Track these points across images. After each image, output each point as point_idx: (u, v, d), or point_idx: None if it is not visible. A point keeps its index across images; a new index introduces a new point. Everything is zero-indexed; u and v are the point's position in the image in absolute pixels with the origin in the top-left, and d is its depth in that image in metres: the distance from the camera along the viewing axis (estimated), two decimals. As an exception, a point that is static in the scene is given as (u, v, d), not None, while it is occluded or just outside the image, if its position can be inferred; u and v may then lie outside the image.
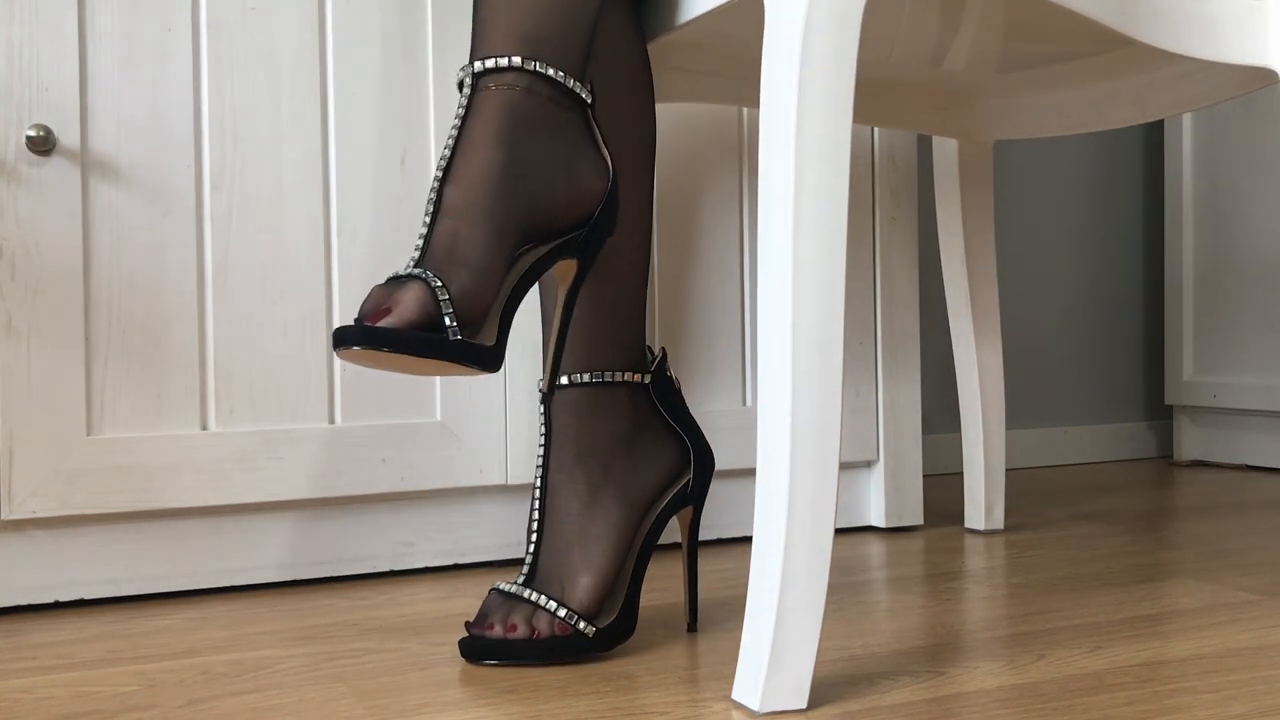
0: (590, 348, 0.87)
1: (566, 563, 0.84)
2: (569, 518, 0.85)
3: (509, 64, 0.75)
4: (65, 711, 0.74)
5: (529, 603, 0.82)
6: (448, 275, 0.70)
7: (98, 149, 1.02)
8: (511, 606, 0.83)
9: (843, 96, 0.70)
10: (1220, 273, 1.86)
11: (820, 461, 0.70)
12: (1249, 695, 0.73)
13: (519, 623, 0.82)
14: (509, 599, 0.83)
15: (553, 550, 0.84)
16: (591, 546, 0.84)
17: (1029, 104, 1.25)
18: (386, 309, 0.68)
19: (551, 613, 0.81)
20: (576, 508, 0.85)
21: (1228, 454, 1.89)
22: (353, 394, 1.10)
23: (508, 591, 0.83)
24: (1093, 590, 1.02)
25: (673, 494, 0.88)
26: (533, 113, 0.75)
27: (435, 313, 0.69)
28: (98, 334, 1.01)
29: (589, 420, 0.86)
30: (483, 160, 0.73)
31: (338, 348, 0.69)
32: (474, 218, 0.72)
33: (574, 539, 0.84)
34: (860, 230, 1.31)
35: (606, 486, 0.85)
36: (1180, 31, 0.89)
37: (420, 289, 0.69)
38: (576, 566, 0.83)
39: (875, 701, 0.73)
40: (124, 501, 1.01)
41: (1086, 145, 2.00)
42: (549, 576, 0.84)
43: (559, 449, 0.86)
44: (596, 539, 0.84)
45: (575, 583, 0.83)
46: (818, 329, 0.70)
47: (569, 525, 0.84)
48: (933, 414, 1.81)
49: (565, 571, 0.83)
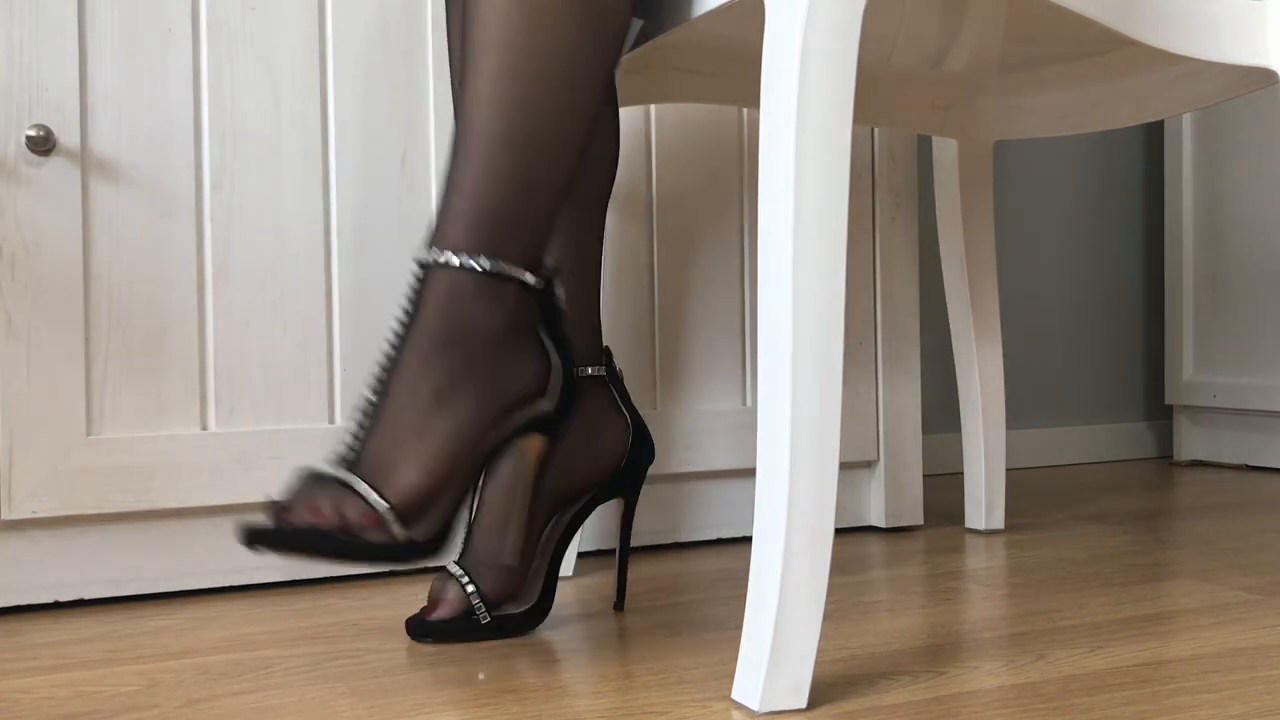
0: (491, 229, 0.78)
1: (396, 453, 0.75)
2: (412, 406, 0.76)
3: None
4: (65, 711, 0.74)
5: (339, 484, 0.73)
6: (480, 576, 0.88)
7: (98, 149, 1.02)
8: (322, 487, 0.74)
9: (843, 96, 0.70)
10: (1220, 273, 1.86)
11: (820, 461, 0.70)
12: (1249, 695, 0.73)
13: (325, 506, 0.72)
14: (319, 480, 0.74)
15: (384, 437, 0.75)
16: (430, 443, 0.75)
17: (1029, 104, 1.25)
18: (435, 604, 0.88)
19: (361, 495, 0.73)
20: (425, 398, 0.76)
21: (1228, 454, 1.89)
22: (353, 394, 1.10)
23: (320, 472, 0.75)
24: (1093, 590, 1.02)
25: (528, 417, 0.81)
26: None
27: (469, 606, 0.88)
28: (98, 334, 1.01)
29: (464, 310, 0.78)
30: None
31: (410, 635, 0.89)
32: (505, 526, 0.87)
33: (411, 430, 0.75)
34: (860, 230, 1.31)
35: (465, 384, 0.77)
36: (1180, 31, 0.89)
37: (458, 590, 0.88)
38: (407, 458, 0.75)
39: (875, 701, 0.73)
40: (124, 501, 1.01)
41: (1086, 145, 2.00)
42: (373, 464, 0.74)
43: (421, 331, 0.77)
44: (437, 436, 0.75)
45: (399, 474, 0.74)
46: (818, 329, 0.70)
47: (409, 415, 0.76)
48: (933, 414, 1.81)
49: (390, 459, 0.75)
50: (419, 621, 0.89)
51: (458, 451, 0.76)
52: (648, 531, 1.24)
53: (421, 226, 1.12)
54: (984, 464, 1.31)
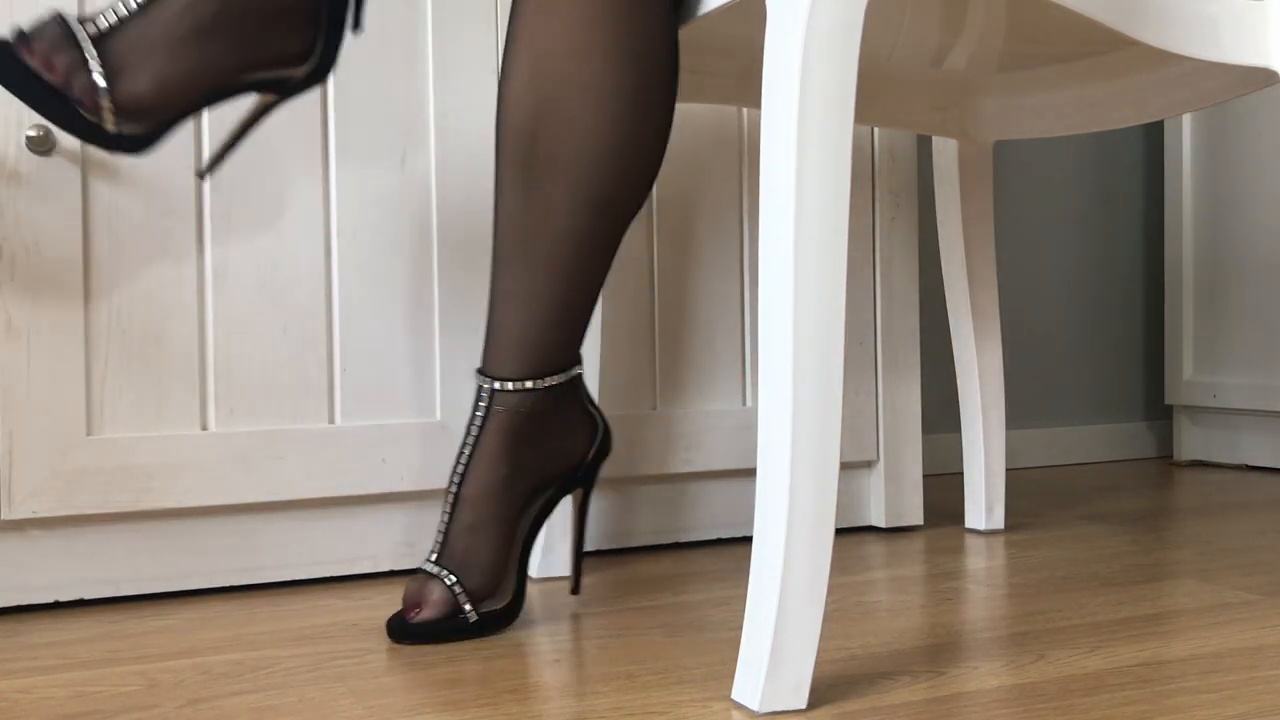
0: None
1: (142, 59, 0.80)
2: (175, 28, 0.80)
3: (520, 387, 0.89)
4: (65, 711, 0.74)
5: (80, 54, 0.78)
6: (465, 575, 0.89)
7: (98, 149, 1.01)
8: (66, 47, 0.78)
9: (843, 96, 0.70)
10: (1220, 273, 1.86)
11: (820, 461, 0.70)
12: (1249, 695, 0.73)
13: (60, 66, 0.78)
14: (70, 38, 0.79)
15: (138, 39, 0.80)
16: (174, 63, 0.80)
17: (1029, 104, 1.25)
18: (417, 605, 0.89)
19: (92, 77, 0.78)
20: (189, 23, 0.81)
21: (1228, 454, 1.89)
22: (353, 394, 1.10)
23: (72, 31, 0.79)
24: (1093, 590, 1.02)
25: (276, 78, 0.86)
26: (535, 419, 0.90)
27: (456, 605, 0.89)
28: (98, 334, 1.01)
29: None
30: (490, 474, 0.89)
31: (391, 638, 0.89)
32: (483, 523, 0.89)
33: (163, 45, 0.80)
34: (860, 230, 1.31)
35: (228, 30, 0.82)
36: (1180, 32, 0.89)
37: (443, 591, 0.89)
38: (148, 68, 0.80)
39: (875, 701, 0.73)
40: (124, 501, 1.01)
41: (1086, 145, 2.00)
42: (118, 58, 0.79)
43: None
44: (183, 60, 0.81)
45: (135, 78, 0.79)
46: (818, 329, 0.70)
47: (166, 31, 0.80)
48: (933, 414, 1.81)
49: (133, 60, 0.80)
50: (402, 623, 0.89)
51: (194, 84, 0.81)
52: (648, 531, 1.24)
53: (421, 226, 1.12)
54: (984, 464, 1.31)
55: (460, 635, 0.89)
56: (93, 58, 0.78)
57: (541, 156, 0.85)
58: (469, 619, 0.88)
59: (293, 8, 0.84)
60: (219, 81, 0.83)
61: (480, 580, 0.89)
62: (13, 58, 0.78)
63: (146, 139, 0.82)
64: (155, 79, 0.80)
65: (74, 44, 0.78)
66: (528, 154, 0.86)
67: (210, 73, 0.82)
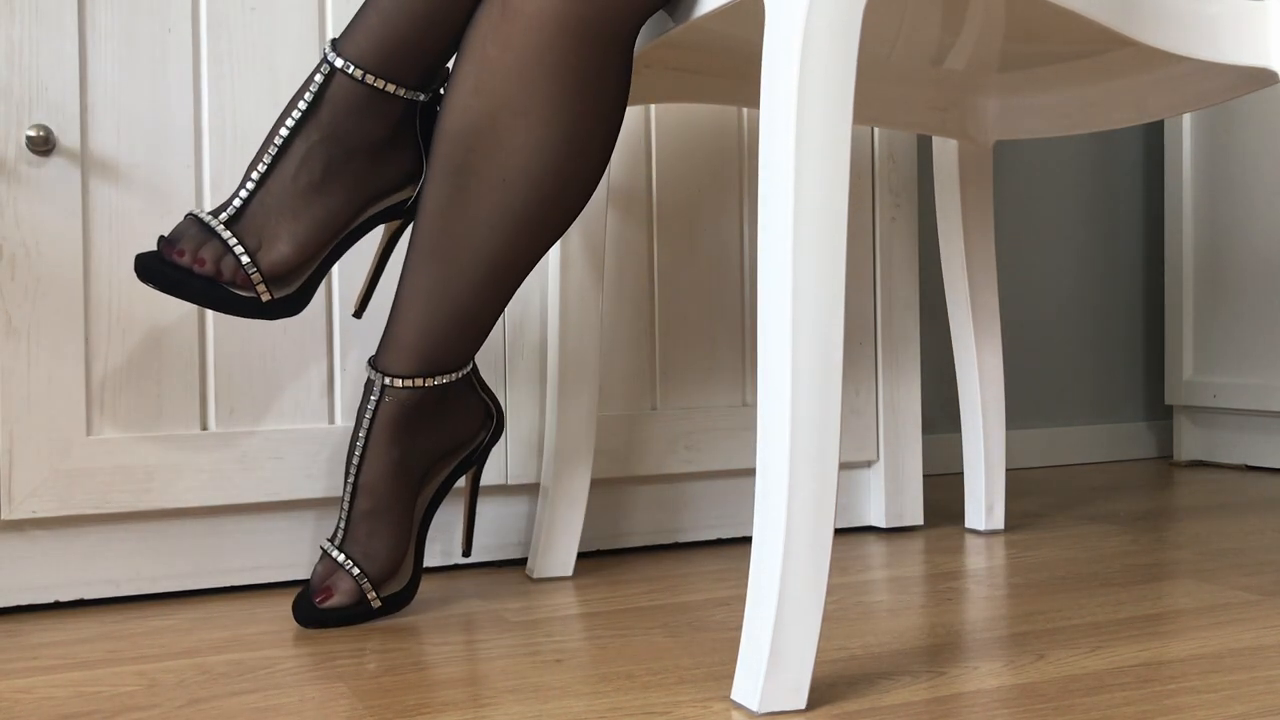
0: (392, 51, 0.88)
1: (274, 226, 0.87)
2: (293, 188, 0.87)
3: (408, 384, 0.91)
4: (65, 711, 0.74)
5: (221, 241, 0.85)
6: (368, 562, 0.93)
7: (98, 149, 1.02)
8: (207, 239, 0.86)
9: (843, 96, 0.70)
10: (1220, 273, 1.86)
11: (820, 461, 0.70)
12: (1249, 695, 0.73)
13: (208, 257, 0.85)
14: (207, 231, 0.86)
15: (264, 209, 0.87)
16: (303, 222, 0.87)
17: (1029, 104, 1.25)
18: (328, 589, 0.93)
19: (237, 257, 0.85)
20: (304, 182, 0.87)
21: (1228, 454, 1.89)
22: (353, 394, 1.10)
23: (208, 224, 0.86)
24: (1093, 590, 1.02)
25: (392, 204, 0.92)
26: (424, 408, 0.93)
27: (361, 594, 0.93)
28: (98, 334, 1.01)
29: (355, 116, 0.88)
30: (382, 461, 0.92)
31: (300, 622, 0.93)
32: (381, 508, 0.93)
33: (289, 209, 0.87)
34: (860, 230, 1.31)
35: (342, 176, 0.88)
36: (1180, 32, 0.89)
37: (349, 581, 0.93)
38: (282, 232, 0.87)
39: (875, 701, 0.73)
40: (124, 501, 1.01)
41: (1086, 145, 2.00)
42: (253, 231, 0.87)
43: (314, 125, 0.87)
44: (311, 218, 0.87)
45: (273, 245, 0.87)
46: (818, 329, 0.70)
47: (290, 195, 0.87)
48: (933, 414, 1.81)
49: (268, 231, 0.87)
50: (309, 608, 0.93)
51: (326, 235, 0.88)
52: (647, 531, 1.24)
53: (421, 226, 1.12)
54: (984, 464, 1.31)
55: (367, 618, 0.94)
56: (233, 241, 0.86)
57: (472, 168, 0.87)
58: (373, 605, 0.93)
59: (392, 137, 0.89)
60: (347, 223, 0.90)
61: (381, 566, 0.93)
62: (164, 262, 0.85)
63: (300, 296, 0.89)
64: (292, 240, 0.87)
65: (212, 234, 0.86)
66: (460, 163, 0.87)
67: (336, 220, 0.88)
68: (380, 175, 0.90)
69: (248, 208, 0.86)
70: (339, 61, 0.86)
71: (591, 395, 1.10)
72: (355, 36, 0.86)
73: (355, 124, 0.87)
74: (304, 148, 0.87)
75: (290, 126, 0.86)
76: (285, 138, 0.87)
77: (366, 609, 0.93)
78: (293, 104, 0.87)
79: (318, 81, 0.86)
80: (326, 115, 0.87)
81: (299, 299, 0.89)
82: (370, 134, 0.88)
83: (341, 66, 0.86)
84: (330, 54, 0.86)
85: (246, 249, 0.85)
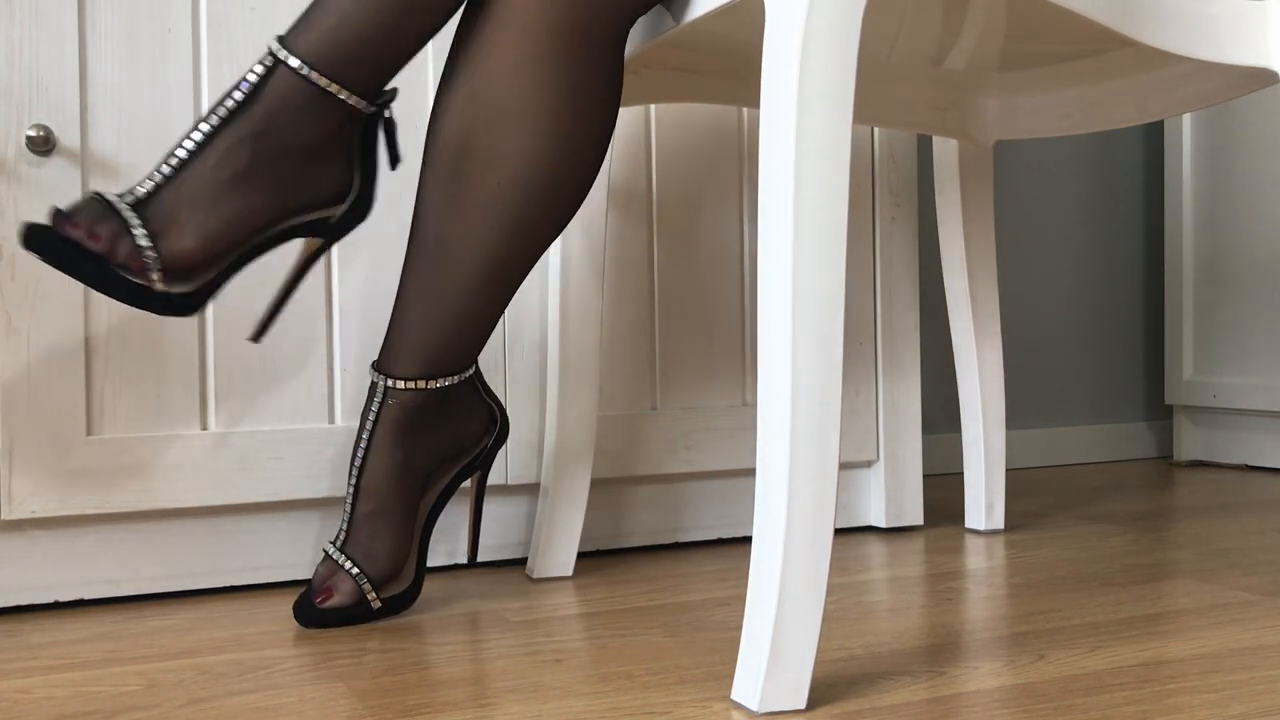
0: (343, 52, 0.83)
1: (183, 215, 0.81)
2: (213, 179, 0.82)
3: (410, 386, 0.91)
4: (65, 711, 0.74)
5: (121, 220, 0.80)
6: (369, 564, 0.93)
7: (98, 149, 1.02)
8: (106, 217, 0.80)
9: (843, 96, 0.70)
10: (1220, 273, 1.86)
11: (820, 461, 0.70)
12: (1249, 695, 0.73)
13: (103, 234, 0.79)
14: (109, 209, 0.80)
15: (177, 196, 0.81)
16: (215, 218, 0.82)
17: (1029, 104, 1.25)
18: (328, 590, 0.93)
19: (135, 239, 0.79)
20: (225, 176, 0.82)
21: (1228, 454, 1.89)
22: (353, 394, 1.10)
23: (111, 203, 0.80)
24: (1093, 590, 1.02)
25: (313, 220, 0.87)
26: (427, 411, 0.92)
27: (361, 595, 0.93)
28: (98, 334, 1.01)
29: (292, 114, 0.83)
30: (385, 464, 0.92)
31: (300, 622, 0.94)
32: (383, 510, 0.93)
33: (204, 200, 0.81)
34: (860, 230, 1.31)
35: (266, 177, 0.83)
36: (1180, 32, 0.89)
37: (349, 582, 0.93)
38: (190, 224, 0.81)
39: (875, 701, 0.73)
40: (124, 501, 1.01)
41: (1086, 145, 2.00)
42: (160, 217, 0.81)
43: (245, 118, 0.82)
44: (224, 215, 0.82)
45: (178, 236, 0.81)
46: (818, 329, 0.70)
47: (206, 186, 0.82)
48: (933, 414, 1.81)
49: (176, 220, 0.81)
50: (309, 608, 0.93)
51: (238, 235, 0.83)
52: (647, 531, 1.24)
53: (421, 226, 1.12)
54: (984, 464, 1.31)
55: (368, 619, 0.94)
56: (134, 222, 0.80)
57: (466, 173, 0.86)
58: (373, 606, 0.93)
59: (325, 146, 0.85)
60: (261, 229, 0.84)
61: (383, 568, 0.93)
62: (55, 235, 0.79)
63: (196, 298, 0.83)
64: (198, 233, 0.81)
65: (113, 212, 0.80)
66: (454, 168, 0.87)
67: (252, 221, 0.83)
68: (307, 184, 0.85)
69: (159, 193, 0.81)
70: (287, 56, 0.82)
71: (591, 395, 1.10)
72: (307, 34, 0.82)
73: (290, 123, 0.83)
74: (231, 140, 0.82)
75: (221, 116, 0.82)
76: (213, 126, 0.82)
77: (366, 610, 0.93)
78: (226, 95, 0.82)
79: (257, 73, 0.82)
80: (261, 110, 0.82)
81: (192, 301, 0.83)
82: (304, 136, 0.84)
83: (285, 60, 0.82)
84: (276, 47, 0.82)
85: (149, 232, 0.80)
